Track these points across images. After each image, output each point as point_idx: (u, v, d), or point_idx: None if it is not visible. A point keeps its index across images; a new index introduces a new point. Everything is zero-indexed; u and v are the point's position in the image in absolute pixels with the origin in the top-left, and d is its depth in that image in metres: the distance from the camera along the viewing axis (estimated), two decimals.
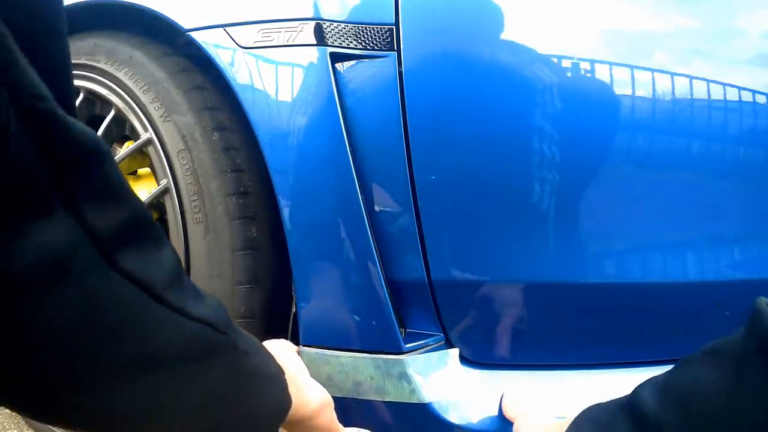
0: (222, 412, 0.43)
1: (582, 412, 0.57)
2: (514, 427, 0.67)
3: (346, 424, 0.64)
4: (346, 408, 0.73)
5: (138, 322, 0.35)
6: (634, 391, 0.49)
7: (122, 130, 0.93)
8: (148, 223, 0.37)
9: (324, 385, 0.73)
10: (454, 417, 0.71)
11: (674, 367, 0.48)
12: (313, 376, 0.73)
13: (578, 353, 0.75)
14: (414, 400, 0.71)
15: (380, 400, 0.72)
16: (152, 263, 0.36)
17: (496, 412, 0.72)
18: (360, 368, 0.72)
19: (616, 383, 0.55)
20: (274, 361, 0.53)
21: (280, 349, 0.60)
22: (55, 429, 0.93)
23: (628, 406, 0.49)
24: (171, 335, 0.37)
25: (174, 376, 0.38)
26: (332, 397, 0.73)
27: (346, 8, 0.71)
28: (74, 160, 0.30)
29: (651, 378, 0.50)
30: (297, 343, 0.75)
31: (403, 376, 0.71)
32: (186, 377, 0.39)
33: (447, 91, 0.68)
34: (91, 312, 0.32)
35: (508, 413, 0.70)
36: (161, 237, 0.38)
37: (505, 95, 0.67)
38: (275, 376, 0.52)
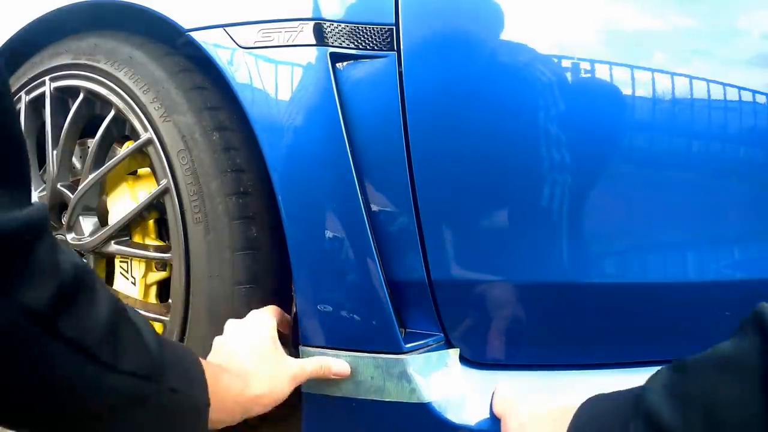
0: None
1: (583, 405, 0.55)
2: (502, 423, 0.66)
3: (346, 424, 0.64)
4: (347, 407, 0.73)
5: (76, 383, 0.43)
6: (644, 393, 0.47)
7: (122, 130, 0.94)
8: (79, 282, 0.43)
9: (325, 384, 0.73)
10: (453, 417, 0.71)
11: (682, 371, 0.46)
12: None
13: (578, 353, 0.75)
14: (414, 400, 0.71)
15: (380, 399, 0.72)
16: (87, 321, 0.43)
17: None
18: (360, 368, 0.72)
19: (617, 383, 0.55)
20: (205, 390, 0.57)
21: (237, 341, 0.69)
22: None
23: (641, 409, 0.46)
24: (102, 392, 0.45)
25: (103, 428, 0.47)
26: (332, 396, 0.73)
27: (345, 8, 0.71)
28: (3, 251, 0.37)
29: (656, 379, 0.48)
30: (297, 343, 0.75)
31: (404, 376, 0.71)
32: (114, 427, 0.48)
33: (447, 91, 0.68)
34: (39, 379, 0.40)
35: (497, 410, 0.69)
36: (93, 289, 0.45)
37: (506, 95, 0.67)
38: (198, 410, 0.56)
